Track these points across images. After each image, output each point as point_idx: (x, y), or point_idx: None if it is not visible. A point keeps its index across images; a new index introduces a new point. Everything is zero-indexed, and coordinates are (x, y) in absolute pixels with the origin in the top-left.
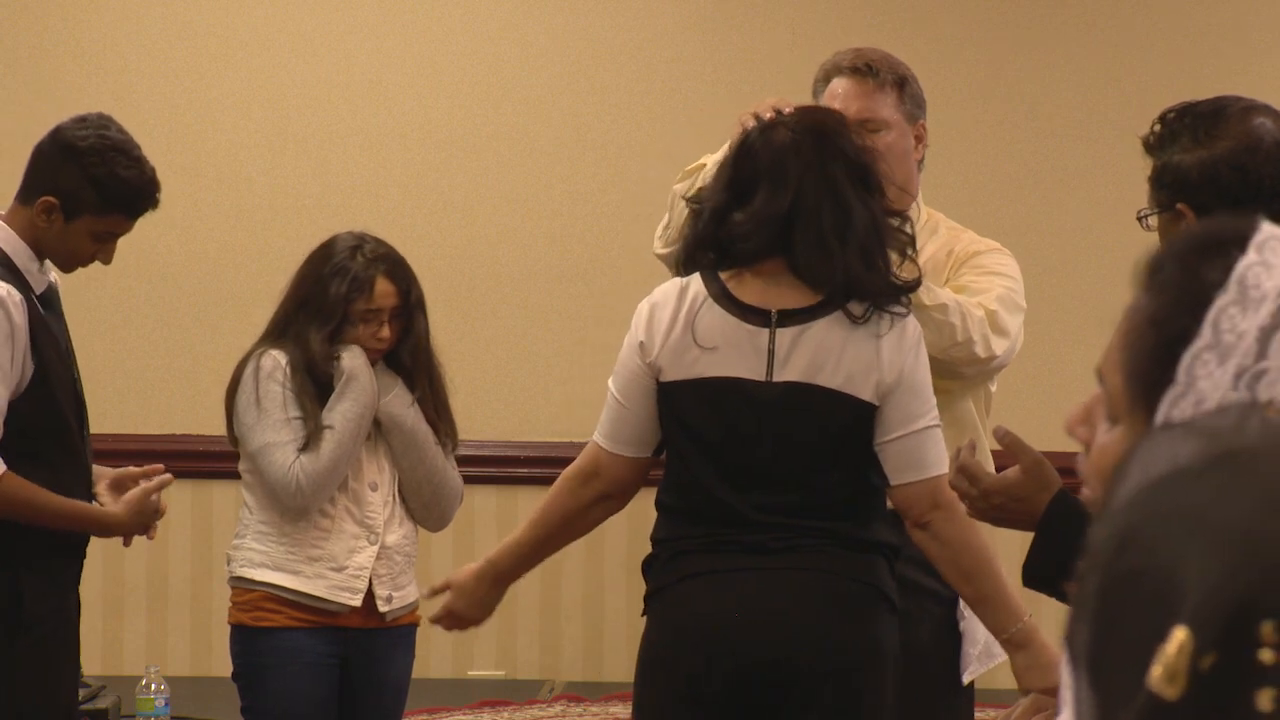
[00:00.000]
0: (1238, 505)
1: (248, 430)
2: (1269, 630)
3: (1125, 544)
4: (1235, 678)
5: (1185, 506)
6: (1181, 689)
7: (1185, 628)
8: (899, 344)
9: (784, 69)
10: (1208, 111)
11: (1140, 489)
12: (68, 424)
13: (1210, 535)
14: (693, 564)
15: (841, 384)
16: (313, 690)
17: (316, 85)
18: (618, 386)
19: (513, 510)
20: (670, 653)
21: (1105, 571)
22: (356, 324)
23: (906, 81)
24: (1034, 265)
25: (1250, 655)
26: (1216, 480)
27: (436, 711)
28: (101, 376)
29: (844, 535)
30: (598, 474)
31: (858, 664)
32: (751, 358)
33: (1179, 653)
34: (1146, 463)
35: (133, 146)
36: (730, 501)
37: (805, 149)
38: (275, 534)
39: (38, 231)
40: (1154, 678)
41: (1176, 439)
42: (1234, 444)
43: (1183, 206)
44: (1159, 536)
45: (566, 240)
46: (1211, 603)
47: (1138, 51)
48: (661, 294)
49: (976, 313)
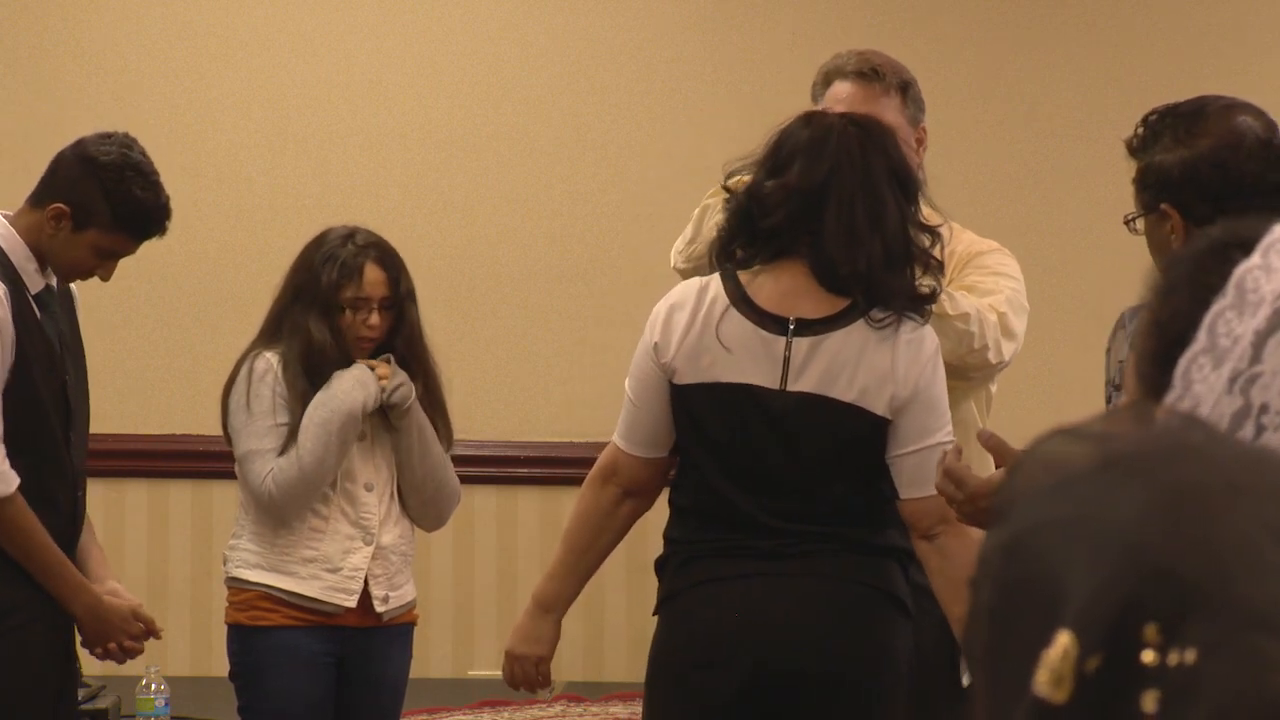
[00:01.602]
0: (1122, 510)
1: (235, 433)
2: (1152, 632)
3: (1013, 552)
4: (1120, 680)
5: (1070, 513)
6: (1068, 692)
7: (1069, 631)
8: (915, 358)
9: (784, 69)
10: (1189, 111)
11: (1030, 497)
12: (48, 424)
13: (1094, 540)
14: (705, 570)
15: (856, 397)
16: (309, 689)
17: (316, 85)
18: (632, 388)
19: (513, 510)
20: (681, 659)
21: (995, 580)
22: (345, 311)
23: (909, 85)
24: (1034, 265)
25: (1134, 657)
26: (1101, 485)
27: (436, 711)
28: (101, 376)
29: (856, 540)
30: (616, 473)
31: (870, 670)
32: (766, 365)
33: (1063, 657)
34: (1035, 469)
35: (152, 171)
36: (742, 506)
37: (849, 135)
38: (270, 534)
39: (43, 236)
40: (1040, 682)
41: (1064, 445)
42: (1120, 449)
43: (1167, 207)
44: (1045, 544)
45: (566, 240)
46: (1095, 606)
47: (1138, 51)
48: (680, 295)
49: (991, 317)
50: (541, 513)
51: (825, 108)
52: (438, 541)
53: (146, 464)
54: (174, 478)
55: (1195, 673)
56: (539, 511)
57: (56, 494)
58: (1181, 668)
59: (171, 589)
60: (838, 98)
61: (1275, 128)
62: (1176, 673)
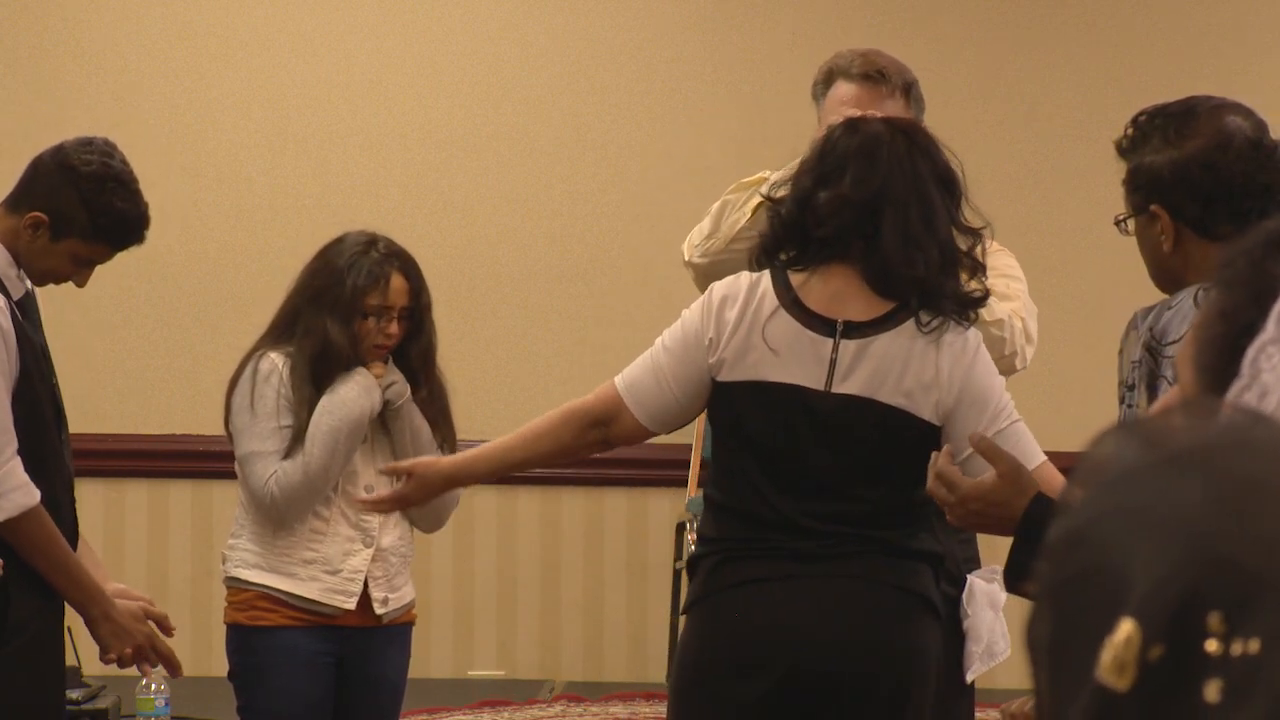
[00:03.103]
0: (1185, 502)
1: (238, 433)
2: (1216, 621)
3: (1076, 543)
4: (1183, 669)
5: (1134, 505)
6: (1130, 680)
7: (1133, 620)
8: (958, 360)
9: (784, 69)
10: (1178, 112)
11: (1092, 490)
12: (49, 430)
13: (1157, 531)
14: (739, 571)
15: (902, 401)
16: (309, 689)
17: (316, 85)
18: (672, 370)
19: (513, 510)
20: (713, 661)
21: (1058, 570)
22: (367, 318)
23: (912, 86)
24: (1034, 265)
25: (1198, 646)
26: (1164, 478)
27: (436, 711)
28: (101, 376)
29: (890, 544)
30: (609, 425)
31: (901, 672)
32: (813, 366)
33: (1127, 644)
34: (1098, 465)
35: (132, 180)
36: (779, 506)
37: (897, 142)
38: (270, 535)
39: (20, 243)
40: (1103, 668)
41: (1127, 441)
42: (1183, 443)
43: (1156, 208)
44: (1108, 534)
45: (566, 240)
46: (1158, 595)
47: (1138, 51)
48: (731, 288)
49: (1017, 323)
50: (541, 513)
51: (828, 108)
52: (438, 542)
53: (146, 464)
54: (174, 478)
55: (1258, 662)
56: (539, 511)
57: (60, 499)
58: (1245, 657)
59: (171, 589)
60: (841, 98)
61: (1265, 128)
62: (1240, 662)
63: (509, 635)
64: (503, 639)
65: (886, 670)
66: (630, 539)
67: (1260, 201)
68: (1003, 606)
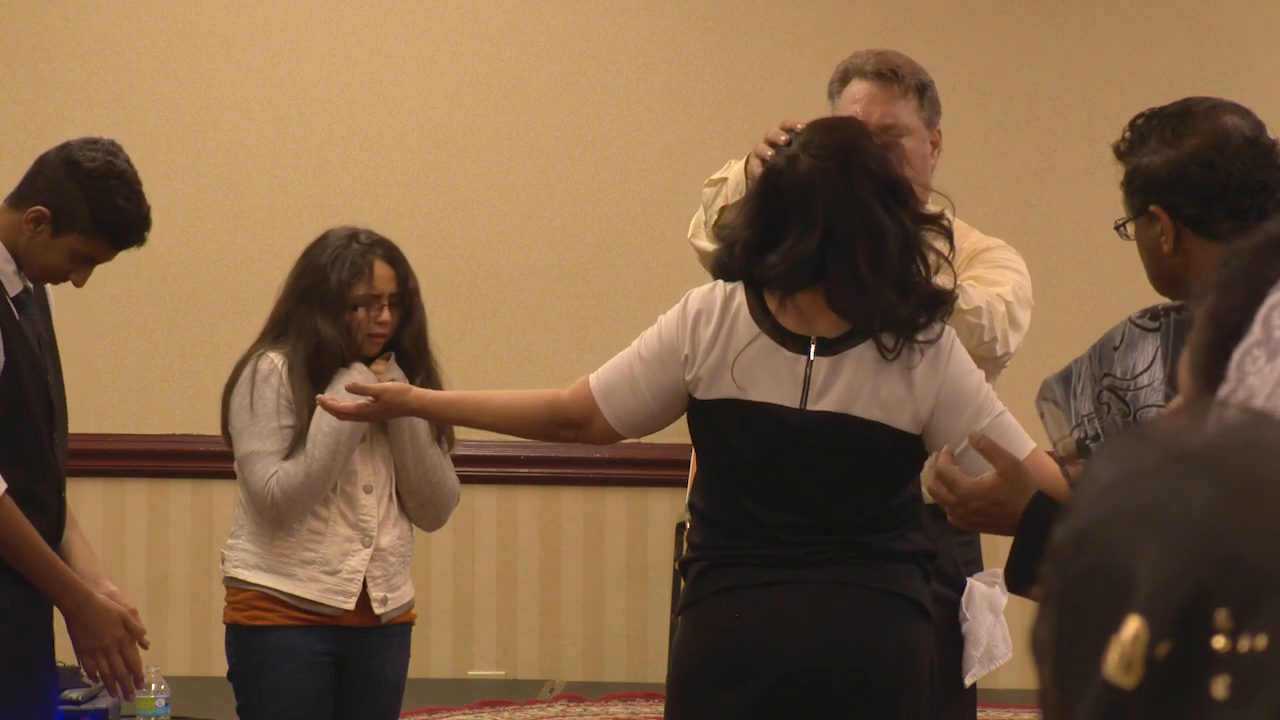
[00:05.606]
0: (1192, 501)
1: (237, 434)
2: (1223, 618)
3: (1082, 543)
4: (1191, 666)
5: (1140, 504)
6: (1138, 678)
7: (1140, 617)
8: (932, 367)
9: (784, 69)
10: (1174, 113)
11: (1097, 491)
12: (35, 426)
13: (1164, 529)
14: (727, 578)
15: (878, 414)
16: (308, 689)
17: (316, 85)
18: (648, 380)
19: (512, 510)
20: (705, 666)
21: (1064, 571)
22: (356, 309)
23: (927, 87)
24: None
25: (1205, 643)
26: (1170, 478)
27: (436, 711)
28: (101, 376)
29: (878, 548)
30: (582, 428)
31: (893, 674)
32: (788, 384)
33: (1134, 642)
34: (1104, 466)
35: (135, 180)
36: (761, 518)
37: (831, 176)
38: (269, 535)
39: (21, 238)
40: (1110, 666)
41: (1133, 442)
42: (1188, 443)
43: (1155, 209)
44: (1115, 534)
45: (566, 240)
46: (1166, 592)
47: (1138, 51)
48: (706, 302)
49: (999, 308)
50: (541, 513)
51: (841, 106)
52: (438, 541)
53: (146, 464)
54: (174, 478)
55: (1265, 659)
56: (539, 511)
57: (44, 495)
58: (1252, 653)
59: (171, 589)
60: (854, 97)
61: (1262, 126)
62: (1247, 659)
63: (509, 635)
64: (503, 639)
65: (875, 672)
66: (630, 539)
67: (1259, 199)
68: (1003, 610)
